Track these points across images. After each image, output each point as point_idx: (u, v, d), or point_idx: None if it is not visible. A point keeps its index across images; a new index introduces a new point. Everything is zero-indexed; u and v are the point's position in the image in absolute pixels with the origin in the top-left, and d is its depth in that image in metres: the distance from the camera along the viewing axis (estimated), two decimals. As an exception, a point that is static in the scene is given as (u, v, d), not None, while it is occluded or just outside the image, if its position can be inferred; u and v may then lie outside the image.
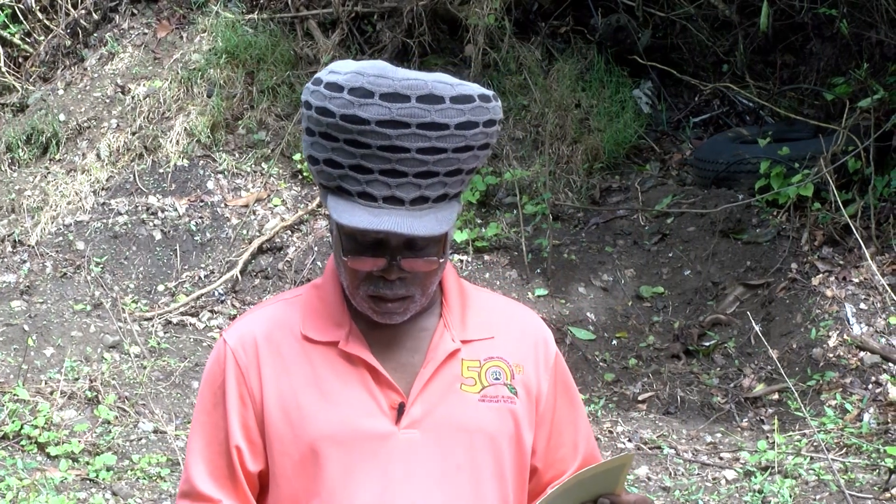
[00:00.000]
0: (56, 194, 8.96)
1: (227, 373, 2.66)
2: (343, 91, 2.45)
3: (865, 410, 7.05)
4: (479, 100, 2.50)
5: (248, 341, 2.66)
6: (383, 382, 2.61)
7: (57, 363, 7.51)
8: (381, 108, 2.43)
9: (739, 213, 8.56)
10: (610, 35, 10.04)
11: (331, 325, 2.64)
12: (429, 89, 2.46)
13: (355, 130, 2.45)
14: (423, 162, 2.46)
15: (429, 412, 2.62)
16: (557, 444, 2.78)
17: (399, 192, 2.47)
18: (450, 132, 2.46)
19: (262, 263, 8.64)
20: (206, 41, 9.79)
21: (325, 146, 2.50)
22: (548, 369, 2.75)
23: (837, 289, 7.76)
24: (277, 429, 2.62)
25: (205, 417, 2.69)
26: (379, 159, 2.46)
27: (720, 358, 7.86)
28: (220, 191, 9.09)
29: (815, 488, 6.44)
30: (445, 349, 2.64)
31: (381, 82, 2.45)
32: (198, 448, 2.69)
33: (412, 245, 2.52)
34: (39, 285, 8.37)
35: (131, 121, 9.35)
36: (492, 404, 2.65)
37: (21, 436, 6.83)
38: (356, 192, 2.49)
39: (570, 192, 9.21)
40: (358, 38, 9.98)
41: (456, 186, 2.53)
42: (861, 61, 8.94)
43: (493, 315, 2.74)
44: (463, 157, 2.50)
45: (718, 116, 10.08)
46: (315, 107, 2.49)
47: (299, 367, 2.63)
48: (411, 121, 2.44)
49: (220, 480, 2.66)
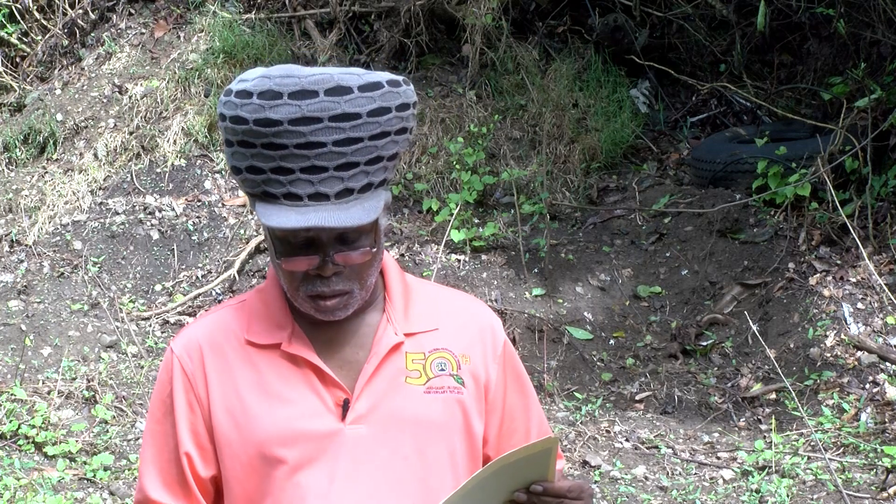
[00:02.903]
0: (53, 194, 8.96)
1: (175, 381, 2.69)
2: (252, 97, 2.48)
3: (863, 410, 7.05)
4: (388, 85, 2.52)
5: (193, 348, 2.69)
6: (328, 381, 2.63)
7: (54, 363, 7.51)
8: (291, 107, 2.46)
9: (737, 213, 8.56)
10: (607, 35, 10.04)
11: (273, 328, 2.67)
12: (335, 82, 2.48)
13: (270, 133, 2.47)
14: (342, 154, 2.48)
15: (374, 407, 2.64)
16: (509, 431, 2.79)
17: (323, 188, 2.49)
18: (363, 121, 2.49)
19: (259, 263, 8.64)
20: (203, 41, 9.78)
21: (245, 154, 2.52)
22: (496, 358, 2.76)
23: (835, 288, 7.76)
24: (225, 433, 2.65)
25: (155, 426, 2.72)
26: (298, 158, 2.48)
27: (717, 357, 7.86)
28: (217, 190, 9.09)
29: (812, 488, 6.44)
30: (388, 343, 2.66)
31: (287, 82, 2.48)
32: (149, 457, 2.72)
33: (344, 239, 2.54)
34: (37, 285, 8.37)
35: (128, 120, 9.34)
36: (438, 395, 2.67)
37: (18, 435, 6.83)
38: (281, 195, 2.51)
39: (568, 191, 9.21)
40: (355, 37, 9.98)
41: (379, 174, 2.54)
42: (858, 61, 8.95)
43: (437, 306, 2.75)
44: (380, 143, 2.52)
45: (716, 116, 10.09)
46: (228, 117, 2.51)
47: (244, 371, 2.66)
48: (322, 115, 2.46)
49: (172, 487, 2.69)
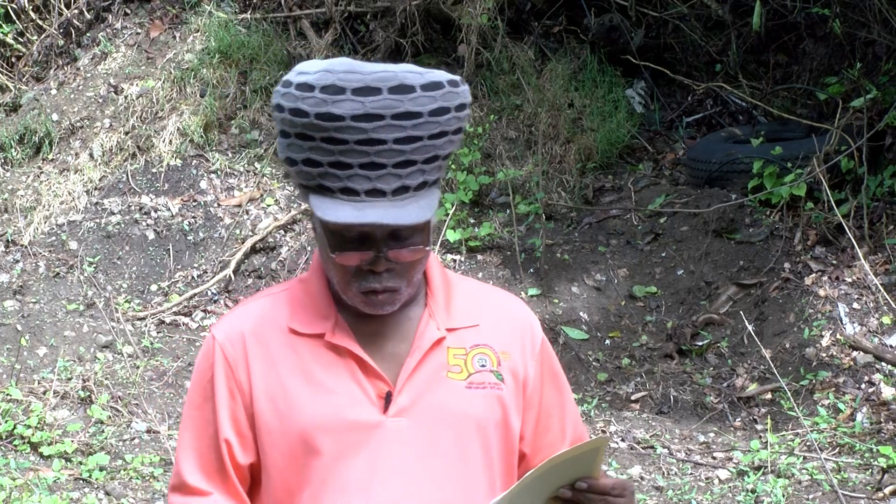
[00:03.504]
0: (49, 194, 8.95)
1: (216, 367, 2.69)
2: (315, 90, 2.49)
3: (858, 410, 7.05)
4: (449, 85, 2.54)
5: (235, 336, 2.69)
6: (370, 372, 2.64)
7: (50, 363, 7.51)
8: (355, 103, 2.47)
9: (732, 213, 8.56)
10: (603, 35, 10.04)
11: (317, 318, 2.67)
12: (399, 80, 2.49)
13: (331, 128, 2.48)
14: (401, 152, 2.50)
15: (416, 400, 2.65)
16: (545, 428, 2.81)
17: (380, 184, 2.50)
18: (424, 120, 2.50)
19: (255, 263, 8.64)
20: (198, 41, 9.78)
21: (302, 146, 2.53)
22: (534, 355, 2.78)
23: (830, 288, 7.77)
24: (267, 421, 2.65)
25: (195, 412, 2.72)
26: (357, 153, 2.49)
27: (713, 357, 7.87)
28: (213, 190, 9.08)
29: (807, 488, 6.45)
30: (431, 337, 2.67)
31: (351, 77, 2.48)
32: (188, 442, 2.72)
33: (397, 235, 2.55)
34: (32, 285, 8.36)
35: (124, 120, 9.34)
36: (478, 391, 2.69)
37: (14, 435, 6.83)
38: (337, 189, 2.52)
39: (563, 191, 9.21)
40: (351, 37, 9.97)
41: (434, 173, 2.56)
42: (854, 61, 8.96)
43: (477, 303, 2.77)
44: (439, 143, 2.54)
45: (711, 116, 10.09)
46: (288, 108, 2.52)
47: (287, 360, 2.66)
48: (385, 112, 2.47)
49: (209, 474, 2.69)
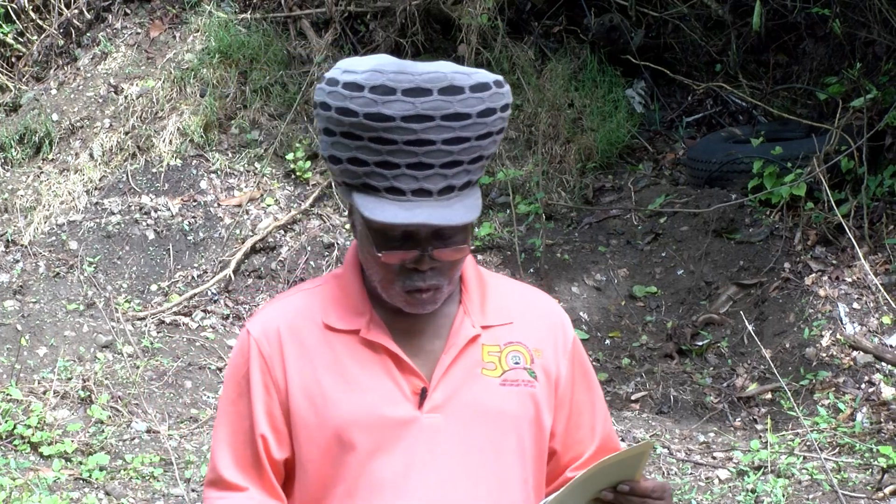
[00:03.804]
0: (49, 194, 8.95)
1: (252, 363, 2.71)
2: (364, 90, 2.49)
3: (858, 410, 7.05)
4: (494, 86, 2.56)
5: (271, 331, 2.71)
6: (405, 368, 2.66)
7: (50, 363, 7.50)
8: (405, 104, 2.48)
9: (732, 213, 8.56)
10: (603, 35, 10.04)
11: (352, 314, 2.69)
12: (448, 81, 2.51)
13: (380, 128, 2.49)
14: (449, 152, 2.52)
15: (451, 397, 2.67)
16: (576, 426, 2.83)
17: (427, 184, 2.52)
18: (472, 121, 2.52)
19: (255, 263, 8.63)
20: (199, 41, 9.77)
21: (349, 145, 2.53)
22: (566, 353, 2.81)
23: (830, 288, 7.76)
24: (303, 416, 2.67)
25: (230, 407, 2.74)
26: (405, 153, 2.50)
27: (713, 357, 7.87)
28: (213, 190, 9.08)
29: (807, 488, 6.44)
30: (466, 335, 2.70)
31: (401, 78, 2.49)
32: (223, 437, 2.73)
33: (441, 234, 2.57)
34: (32, 285, 8.36)
35: (124, 120, 9.34)
36: (512, 388, 2.71)
37: (14, 435, 6.83)
38: (383, 188, 2.53)
39: (563, 191, 9.21)
40: (351, 37, 9.97)
41: (478, 173, 2.59)
42: (854, 61, 8.95)
43: (511, 300, 2.79)
44: (484, 143, 2.56)
45: (711, 116, 10.09)
46: (335, 107, 2.52)
47: (322, 356, 2.68)
48: (435, 113, 2.49)
49: (245, 469, 2.71)
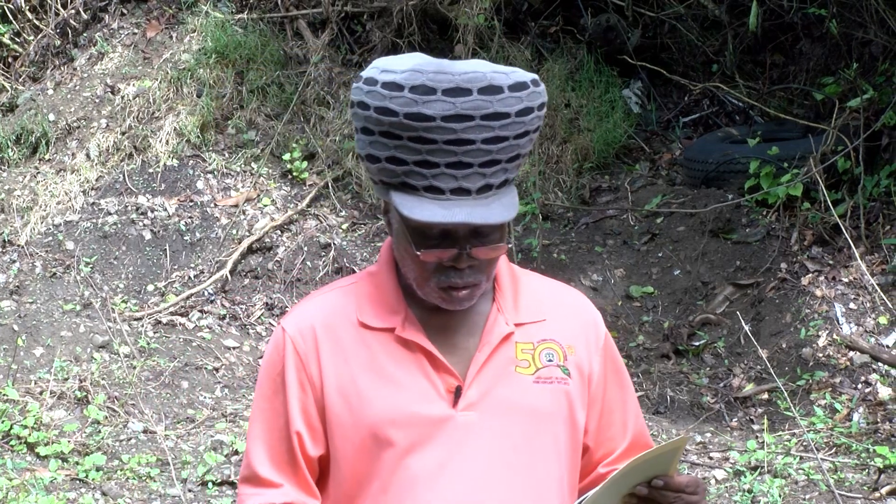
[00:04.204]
0: (46, 194, 8.95)
1: (287, 360, 2.72)
2: (404, 90, 2.51)
3: (855, 410, 7.05)
4: (532, 85, 2.58)
5: (306, 329, 2.72)
6: (440, 367, 2.67)
7: (46, 363, 7.50)
8: (446, 104, 2.49)
9: (729, 213, 8.56)
10: (600, 35, 10.05)
11: (387, 312, 2.71)
12: (488, 81, 2.52)
13: (420, 127, 2.50)
14: (488, 152, 2.53)
15: (485, 394, 2.68)
16: (608, 423, 2.84)
17: (465, 183, 2.54)
18: (511, 120, 2.54)
19: (251, 263, 8.63)
20: (195, 41, 9.78)
21: (387, 144, 2.55)
22: (598, 350, 2.81)
23: (827, 288, 7.77)
24: (338, 414, 2.68)
25: (265, 404, 2.75)
26: (445, 153, 2.52)
27: (710, 358, 7.87)
28: (209, 191, 9.08)
29: (804, 488, 6.45)
30: (500, 332, 2.71)
31: (441, 78, 2.51)
32: (258, 434, 2.74)
33: (478, 233, 2.58)
34: (29, 285, 8.36)
35: (121, 121, 9.33)
36: (546, 385, 2.72)
37: (10, 436, 6.82)
38: (422, 187, 2.55)
39: (560, 191, 9.21)
40: (348, 38, 9.98)
41: (514, 171, 2.61)
42: (850, 61, 8.96)
43: (543, 298, 2.80)
44: (522, 142, 2.58)
45: (708, 116, 10.09)
46: (374, 107, 2.53)
47: (357, 354, 2.69)
48: (475, 113, 2.50)
49: (280, 466, 2.72)
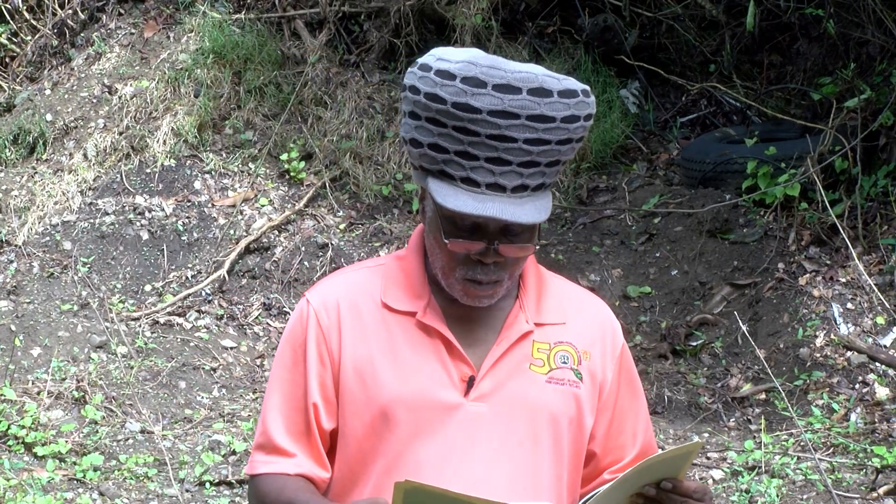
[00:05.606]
0: (43, 194, 8.94)
1: (309, 332, 2.75)
2: (456, 79, 2.54)
3: (852, 410, 7.06)
4: (582, 95, 2.61)
5: (330, 304, 2.76)
6: (456, 355, 2.71)
7: (44, 363, 7.50)
8: (494, 99, 2.53)
9: (726, 213, 8.56)
10: (597, 35, 10.05)
11: (410, 296, 2.74)
12: (539, 83, 2.55)
13: (466, 118, 2.54)
14: (528, 152, 2.57)
15: (497, 388, 2.71)
16: (618, 431, 2.86)
17: (502, 180, 2.57)
18: (556, 125, 2.57)
19: (249, 263, 8.63)
20: (193, 41, 9.77)
21: (432, 131, 2.58)
22: (614, 359, 2.84)
23: (824, 288, 7.77)
24: (351, 390, 2.72)
25: (284, 374, 2.78)
26: (486, 147, 2.55)
27: (707, 358, 7.87)
28: (207, 191, 9.08)
29: (802, 488, 6.45)
30: (519, 329, 2.74)
31: (494, 73, 2.54)
32: (276, 403, 2.78)
33: (508, 231, 2.62)
34: (26, 285, 8.35)
35: (118, 121, 9.33)
36: (557, 387, 2.75)
37: (8, 436, 6.82)
38: (459, 178, 2.58)
39: (558, 192, 9.21)
40: (345, 37, 9.97)
41: (552, 177, 2.64)
42: (848, 61, 8.96)
43: (566, 301, 2.83)
44: (563, 148, 2.61)
45: (705, 116, 10.09)
46: (424, 92, 2.57)
47: (377, 333, 2.73)
48: (522, 112, 2.54)
49: (295, 435, 2.75)
